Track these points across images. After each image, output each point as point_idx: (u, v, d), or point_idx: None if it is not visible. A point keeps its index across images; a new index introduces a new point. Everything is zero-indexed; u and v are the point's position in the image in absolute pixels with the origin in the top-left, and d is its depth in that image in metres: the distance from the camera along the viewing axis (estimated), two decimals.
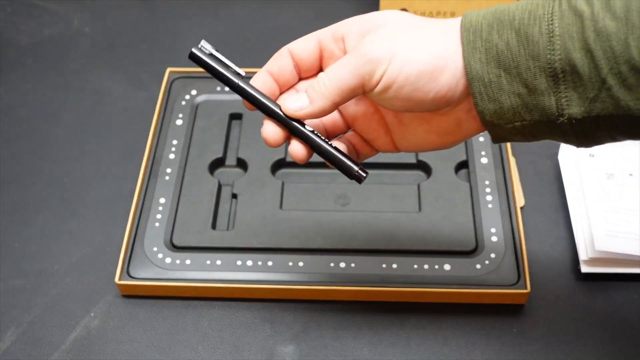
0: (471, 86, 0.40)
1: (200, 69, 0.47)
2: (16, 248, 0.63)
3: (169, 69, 0.73)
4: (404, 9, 0.79)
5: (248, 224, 0.62)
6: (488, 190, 0.64)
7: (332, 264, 0.59)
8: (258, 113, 0.46)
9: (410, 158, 0.67)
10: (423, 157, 0.67)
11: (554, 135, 0.41)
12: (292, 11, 0.85)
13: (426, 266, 0.59)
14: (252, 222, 0.62)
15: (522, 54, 0.39)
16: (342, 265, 0.59)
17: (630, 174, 0.63)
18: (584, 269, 0.59)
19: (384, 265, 0.59)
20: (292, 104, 0.44)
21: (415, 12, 0.79)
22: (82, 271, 0.61)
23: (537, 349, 0.56)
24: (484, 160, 0.66)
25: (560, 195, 0.65)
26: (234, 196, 0.64)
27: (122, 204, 0.65)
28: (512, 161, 0.66)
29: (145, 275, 0.58)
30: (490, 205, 0.63)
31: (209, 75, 0.47)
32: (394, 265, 0.59)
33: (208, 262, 0.59)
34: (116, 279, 0.58)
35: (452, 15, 0.79)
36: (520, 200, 0.64)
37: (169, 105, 0.71)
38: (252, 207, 0.63)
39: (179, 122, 0.69)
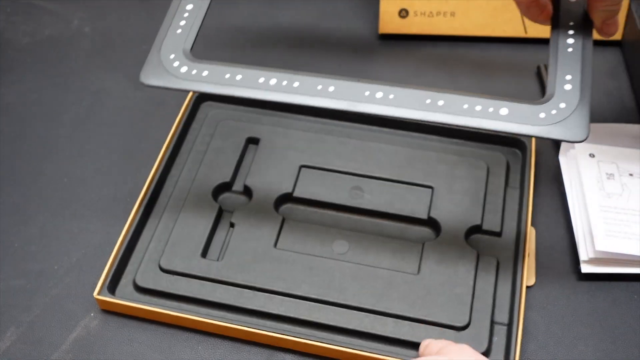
0: None
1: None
2: (16, 248, 0.63)
3: None
4: (404, 9, 0.79)
5: (239, 257, 0.59)
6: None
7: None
8: (276, 138, 0.46)
9: (421, 214, 0.62)
10: (436, 214, 0.61)
11: None
12: (292, 11, 0.85)
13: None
14: (243, 256, 0.59)
15: None
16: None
17: (631, 174, 0.63)
18: (585, 269, 0.59)
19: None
20: None
21: (415, 12, 0.79)
22: (82, 271, 0.61)
23: (537, 349, 0.56)
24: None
25: (560, 196, 0.65)
26: (232, 225, 0.62)
27: (122, 204, 0.65)
28: (531, 232, 0.60)
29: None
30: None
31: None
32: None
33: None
34: (95, 293, 0.57)
35: (453, 15, 0.79)
36: (530, 278, 0.59)
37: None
38: (247, 240, 0.60)
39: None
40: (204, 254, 0.60)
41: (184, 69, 0.54)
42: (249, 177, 0.64)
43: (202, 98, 0.71)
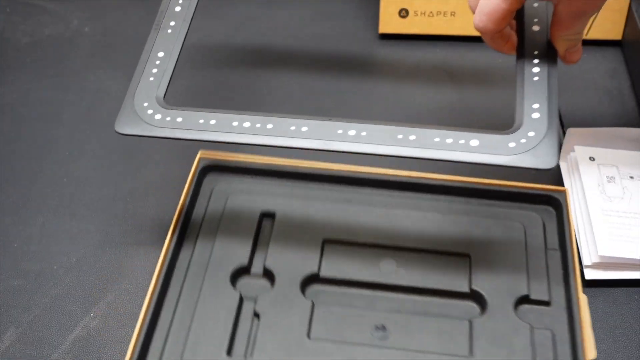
0: None
1: (234, 156, 0.46)
2: (15, 248, 0.63)
3: (200, 152, 0.64)
4: (404, 9, 0.79)
5: (270, 353, 0.52)
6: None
7: None
8: (292, 211, 0.49)
9: (462, 286, 0.56)
10: (478, 285, 0.56)
11: None
12: (292, 11, 0.85)
13: None
14: (275, 351, 0.52)
15: None
16: None
17: (631, 177, 0.63)
18: (588, 274, 0.59)
19: None
20: None
21: (415, 12, 0.79)
22: (81, 271, 0.61)
23: None
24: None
25: None
26: (256, 315, 0.55)
27: (122, 204, 0.65)
28: (583, 300, 0.54)
29: None
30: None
31: (243, 164, 0.46)
32: None
33: None
34: None
35: (453, 15, 0.79)
36: (591, 351, 0.52)
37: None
38: (276, 332, 0.53)
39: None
40: (229, 351, 0.53)
41: (157, 117, 0.54)
42: (269, 258, 0.58)
43: (206, 170, 0.64)
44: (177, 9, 0.61)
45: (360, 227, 0.60)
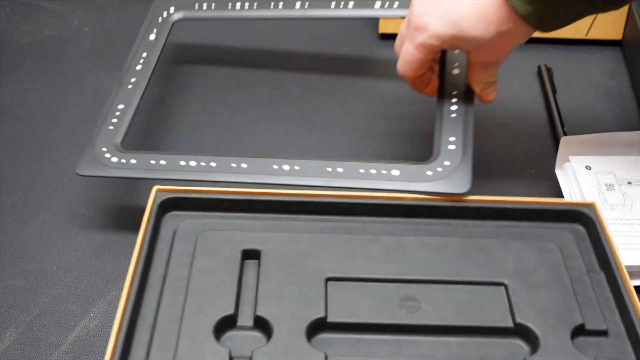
0: None
1: (198, 189, 0.51)
2: (15, 248, 0.62)
3: (156, 188, 0.55)
4: None
5: None
6: None
7: None
8: (282, 247, 0.49)
9: (504, 320, 0.47)
10: (523, 318, 0.47)
11: None
12: None
13: None
14: None
15: None
16: None
17: (629, 182, 0.62)
18: None
19: None
20: None
21: None
22: (81, 271, 0.61)
23: None
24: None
25: None
26: None
27: (122, 204, 0.65)
28: None
29: None
30: None
31: (211, 197, 0.51)
32: None
33: None
34: None
35: None
36: None
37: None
38: None
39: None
40: None
41: (114, 159, 0.59)
42: (261, 305, 0.48)
43: (164, 208, 0.54)
44: (138, 67, 0.68)
45: (369, 260, 0.51)
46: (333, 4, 0.70)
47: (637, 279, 0.58)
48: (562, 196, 0.63)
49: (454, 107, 0.59)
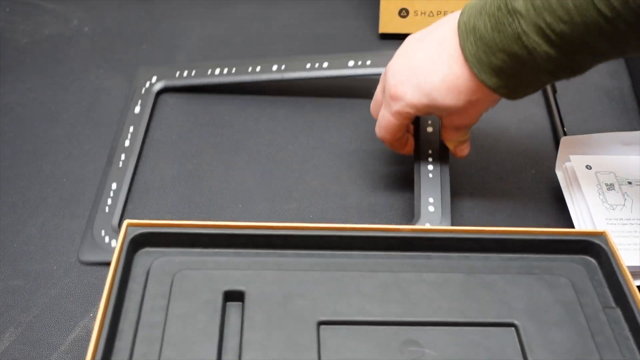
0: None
1: (174, 223, 0.47)
2: (15, 248, 0.62)
3: (126, 222, 0.49)
4: (404, 9, 0.79)
5: None
6: None
7: None
8: (267, 287, 0.46)
9: None
10: None
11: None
12: (292, 10, 0.85)
13: None
14: None
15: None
16: None
17: (629, 182, 0.62)
18: None
19: None
20: None
21: (415, 12, 0.79)
22: (81, 271, 0.61)
23: None
24: None
25: (562, 212, 0.64)
26: None
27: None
28: None
29: None
30: None
31: (188, 232, 0.47)
32: None
33: None
34: None
35: None
36: None
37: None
38: None
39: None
40: None
41: (113, 243, 0.60)
42: (246, 352, 0.43)
43: (136, 244, 0.49)
44: (127, 143, 0.68)
45: (364, 300, 0.47)
46: (308, 65, 0.71)
47: (637, 279, 0.58)
48: (562, 196, 0.63)
49: (430, 167, 0.63)
